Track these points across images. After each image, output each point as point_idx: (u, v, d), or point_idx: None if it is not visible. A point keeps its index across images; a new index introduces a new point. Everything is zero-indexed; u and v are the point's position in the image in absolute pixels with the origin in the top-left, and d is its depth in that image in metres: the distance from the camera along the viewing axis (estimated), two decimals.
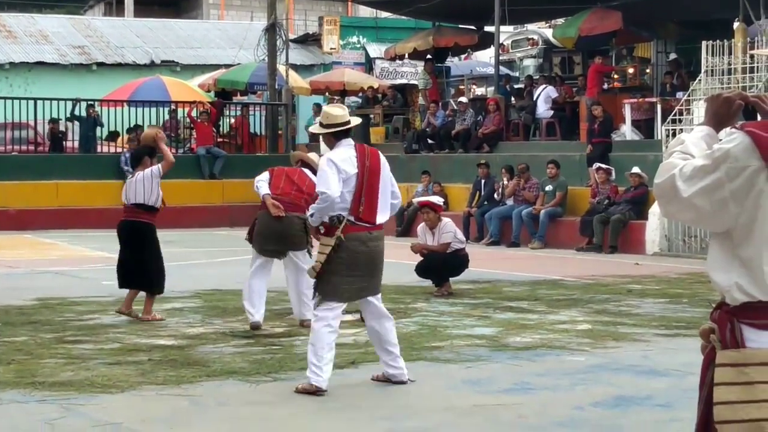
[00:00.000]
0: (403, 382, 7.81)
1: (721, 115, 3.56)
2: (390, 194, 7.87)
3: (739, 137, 3.33)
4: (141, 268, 10.99)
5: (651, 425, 6.62)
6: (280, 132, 29.86)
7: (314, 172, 11.74)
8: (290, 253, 10.53)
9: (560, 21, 29.64)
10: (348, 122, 7.84)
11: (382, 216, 7.79)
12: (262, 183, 10.60)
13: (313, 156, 11.30)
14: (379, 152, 8.05)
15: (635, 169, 18.89)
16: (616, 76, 26.08)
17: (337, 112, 7.88)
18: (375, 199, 7.73)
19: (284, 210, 10.43)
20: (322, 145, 29.13)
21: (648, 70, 26.33)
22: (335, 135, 7.83)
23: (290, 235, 10.45)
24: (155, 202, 10.98)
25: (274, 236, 10.44)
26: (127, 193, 11.06)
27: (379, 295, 7.93)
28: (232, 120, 30.39)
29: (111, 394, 7.44)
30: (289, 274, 10.65)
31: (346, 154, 7.71)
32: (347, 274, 7.62)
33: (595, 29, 24.32)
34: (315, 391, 7.42)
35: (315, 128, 8.21)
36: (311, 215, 7.76)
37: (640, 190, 18.89)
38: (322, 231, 7.72)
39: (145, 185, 10.92)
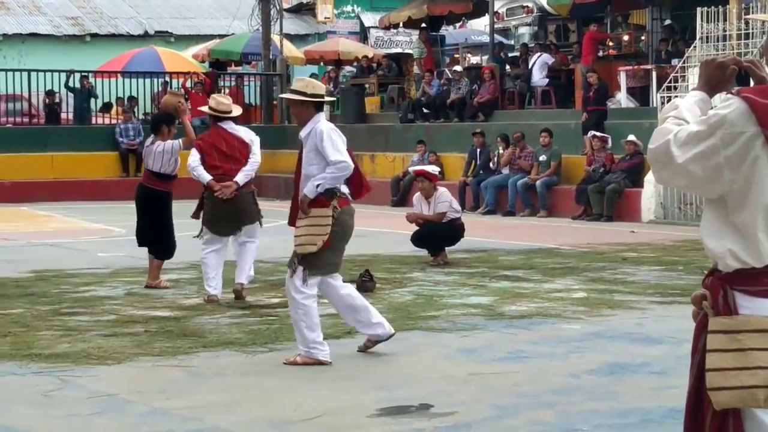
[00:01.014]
0: (391, 335, 7.79)
1: (714, 80, 3.54)
2: None
3: (735, 103, 3.32)
4: (152, 234, 11.23)
5: (646, 392, 6.64)
6: (274, 102, 29.79)
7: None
8: (245, 228, 10.50)
9: None
10: (325, 96, 7.82)
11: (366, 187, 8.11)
12: (198, 169, 10.30)
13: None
14: None
15: (631, 137, 18.86)
16: (611, 44, 26.03)
17: (320, 83, 7.92)
18: (359, 172, 7.97)
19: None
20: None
21: (643, 37, 26.24)
22: (318, 106, 7.74)
23: (244, 211, 10.39)
24: (172, 171, 11.19)
25: (228, 217, 10.32)
26: (145, 159, 11.40)
27: None
28: (227, 90, 30.29)
29: (107, 365, 7.45)
30: (238, 245, 10.53)
31: (333, 126, 7.79)
32: (337, 248, 7.64)
33: None
34: (320, 364, 7.42)
35: (293, 95, 7.80)
36: (318, 185, 7.51)
37: (635, 158, 18.86)
38: (311, 205, 7.57)
39: (164, 157, 11.10)
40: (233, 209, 10.28)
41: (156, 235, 11.22)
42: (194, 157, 10.34)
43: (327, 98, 7.92)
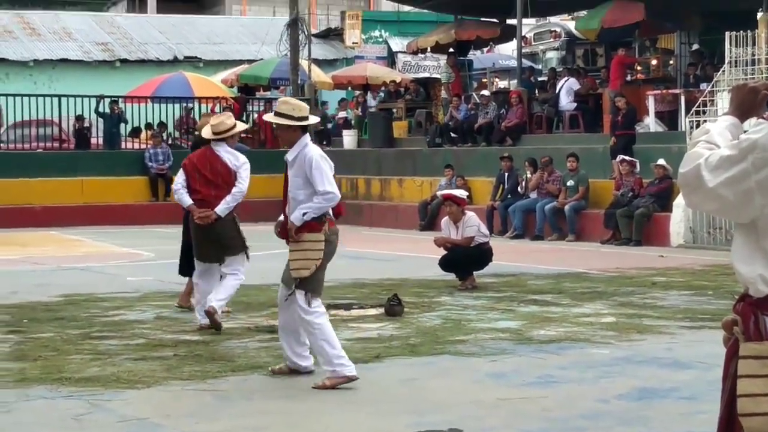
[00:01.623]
0: (311, 372, 7.82)
1: (746, 105, 3.54)
2: None
3: (767, 128, 3.31)
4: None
5: (676, 418, 6.61)
6: None
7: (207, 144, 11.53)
8: (227, 259, 10.04)
9: (583, 13, 29.52)
10: (310, 118, 7.83)
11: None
12: (181, 193, 10.07)
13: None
14: None
15: (660, 161, 18.82)
16: (639, 68, 25.99)
17: (305, 104, 7.88)
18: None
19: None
20: (346, 139, 28.87)
21: (671, 62, 26.22)
22: (304, 129, 7.75)
23: (224, 239, 10.01)
24: None
25: (209, 243, 10.02)
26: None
27: None
28: (255, 115, 30.43)
29: (137, 389, 7.48)
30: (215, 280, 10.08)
31: (321, 150, 7.82)
32: (324, 267, 7.74)
33: (618, 21, 24.21)
34: (349, 380, 7.47)
35: (281, 119, 7.68)
36: (304, 214, 7.58)
37: (664, 183, 18.81)
38: (300, 231, 7.61)
39: None
40: (213, 235, 9.97)
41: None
42: (179, 178, 10.16)
43: (312, 119, 7.90)
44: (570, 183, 20.23)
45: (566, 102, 24.10)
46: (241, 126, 10.51)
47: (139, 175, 25.85)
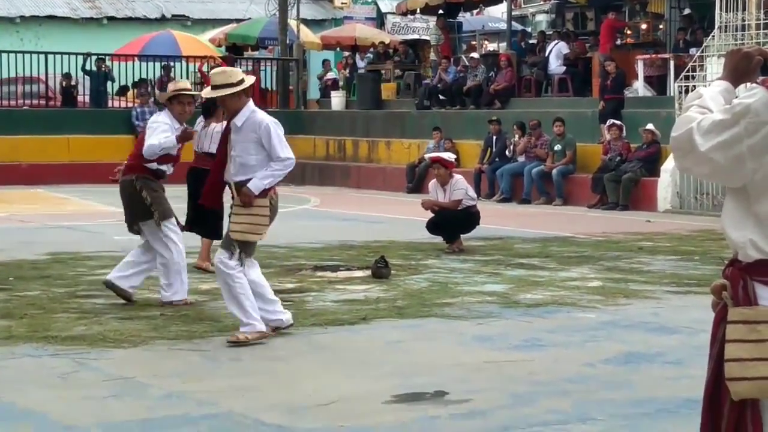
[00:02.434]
0: (291, 324, 7.96)
1: (740, 70, 3.53)
2: None
3: (760, 92, 3.30)
4: (207, 215, 11.12)
5: (661, 382, 6.63)
6: (291, 87, 29.79)
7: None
8: (141, 226, 9.30)
9: None
10: (246, 79, 7.78)
11: None
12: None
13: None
14: None
15: (649, 126, 18.82)
16: (629, 32, 25.92)
17: (235, 69, 7.93)
18: None
19: (121, 173, 9.48)
20: (334, 100, 28.94)
21: (661, 26, 26.13)
22: (246, 92, 7.75)
23: (124, 201, 9.42)
24: None
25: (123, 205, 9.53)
26: (201, 142, 11.32)
27: None
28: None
29: (123, 348, 7.47)
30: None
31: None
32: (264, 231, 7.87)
33: None
34: (263, 336, 7.59)
35: (224, 91, 7.65)
36: (267, 182, 7.66)
37: (652, 147, 18.82)
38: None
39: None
40: (121, 198, 9.49)
41: (211, 216, 11.18)
42: None
43: (249, 80, 7.80)
44: (557, 147, 20.22)
45: (555, 65, 24.05)
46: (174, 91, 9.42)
47: (125, 134, 25.70)
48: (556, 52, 24.05)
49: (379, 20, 39.58)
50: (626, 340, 7.88)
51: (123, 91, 28.56)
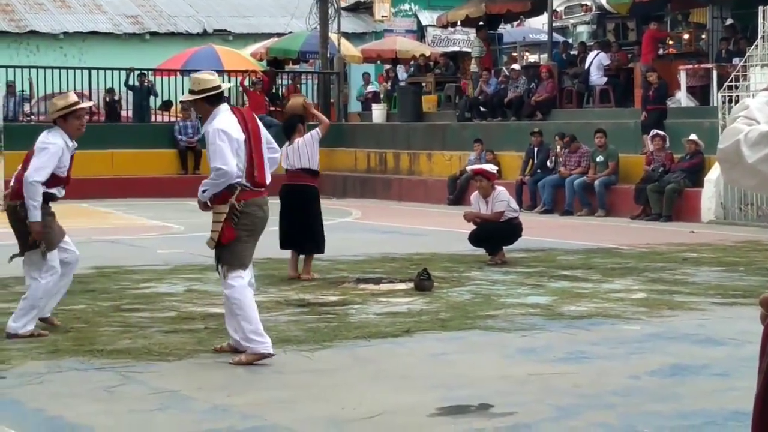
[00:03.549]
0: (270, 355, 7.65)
1: None
2: (268, 151, 7.84)
3: None
4: (303, 230, 11.64)
5: (708, 394, 6.58)
6: (332, 100, 29.87)
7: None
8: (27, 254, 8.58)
9: None
10: (219, 87, 7.67)
11: (269, 176, 7.81)
12: None
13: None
14: (250, 111, 8.07)
15: (692, 136, 18.70)
16: (671, 42, 25.80)
17: (207, 77, 7.75)
18: (262, 160, 7.74)
19: (8, 198, 8.67)
20: (375, 113, 29.04)
21: (704, 36, 26.01)
22: (209, 101, 7.61)
23: (13, 229, 8.60)
24: (317, 166, 11.66)
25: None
26: (289, 159, 11.60)
27: None
28: (284, 89, 30.44)
29: (168, 361, 7.51)
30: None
31: (229, 120, 7.56)
32: (247, 240, 7.61)
33: None
34: (264, 357, 7.44)
35: (185, 96, 7.83)
36: (204, 191, 7.54)
37: (696, 158, 18.70)
38: (210, 204, 7.57)
39: (308, 150, 11.57)
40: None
41: (311, 232, 11.65)
42: None
43: (212, 90, 7.59)
44: (599, 159, 20.14)
45: (597, 76, 23.96)
46: (83, 105, 8.98)
47: (168, 148, 25.91)
48: (597, 63, 23.97)
49: (420, 33, 39.62)
50: (672, 352, 7.82)
51: (166, 105, 28.77)
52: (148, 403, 6.42)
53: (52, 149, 8.35)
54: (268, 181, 7.75)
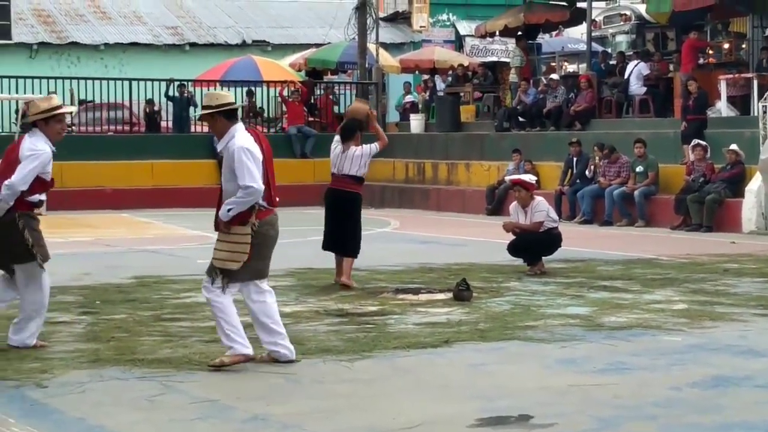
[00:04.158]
0: (291, 361, 7.76)
1: None
2: None
3: None
4: (345, 233, 11.80)
5: (751, 406, 6.52)
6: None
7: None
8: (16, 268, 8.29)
9: None
10: (234, 102, 7.71)
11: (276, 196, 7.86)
12: None
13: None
14: (259, 132, 8.09)
15: (733, 146, 18.58)
16: (711, 52, 25.65)
17: (223, 93, 7.80)
18: (274, 180, 7.80)
19: None
20: (413, 123, 29.06)
21: (744, 46, 25.83)
22: (227, 116, 7.62)
23: (3, 240, 8.15)
24: (365, 174, 11.86)
25: None
26: (339, 164, 11.79)
27: None
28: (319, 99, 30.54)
29: (208, 371, 7.53)
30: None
31: (250, 139, 7.62)
32: (258, 256, 7.64)
33: (690, 4, 23.89)
34: (246, 360, 7.50)
35: (203, 111, 7.77)
36: (229, 210, 7.50)
37: (736, 168, 18.58)
38: (230, 224, 7.56)
39: (361, 161, 11.77)
40: None
41: (350, 235, 11.82)
42: None
43: (229, 104, 7.65)
44: (639, 169, 20.05)
45: (636, 86, 23.86)
46: (52, 110, 8.23)
47: (207, 159, 26.03)
48: (637, 73, 23.88)
49: (458, 43, 39.64)
50: (713, 363, 7.77)
51: None
52: (188, 413, 6.45)
53: (42, 158, 8.09)
54: (277, 199, 7.85)
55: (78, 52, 36.90)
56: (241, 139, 7.56)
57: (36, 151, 8.06)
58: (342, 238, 11.86)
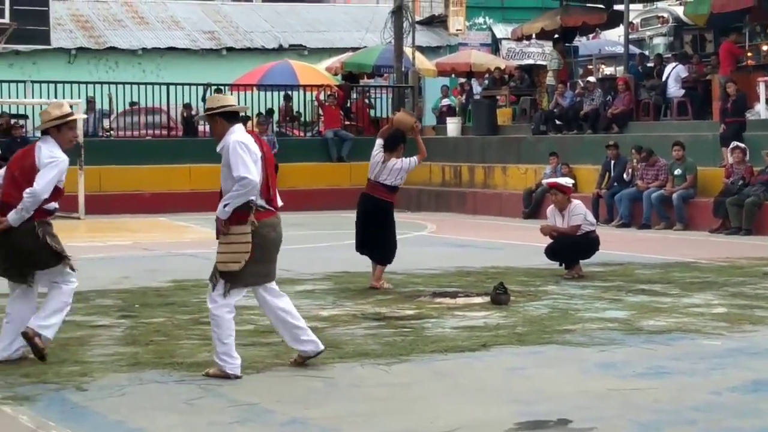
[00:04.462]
0: (320, 352, 7.77)
1: None
2: None
3: None
4: (375, 240, 11.97)
5: None
6: None
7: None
8: (38, 275, 8.08)
9: None
10: (235, 105, 7.73)
11: (279, 199, 7.79)
12: None
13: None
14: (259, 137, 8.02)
15: None
16: (749, 54, 25.45)
17: (224, 96, 7.83)
18: (275, 182, 7.77)
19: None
20: (449, 126, 29.09)
21: None
22: (227, 118, 7.63)
23: (25, 253, 7.95)
24: (400, 184, 12.03)
25: (9, 258, 8.01)
26: (377, 172, 11.95)
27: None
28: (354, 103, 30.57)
29: (247, 374, 7.56)
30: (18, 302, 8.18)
31: (247, 136, 7.61)
32: (260, 259, 7.58)
33: (728, 6, 23.74)
34: (227, 377, 7.43)
35: (203, 113, 7.80)
36: (225, 205, 7.47)
37: None
38: (228, 224, 7.53)
39: (399, 174, 11.95)
40: (10, 249, 7.97)
41: (382, 242, 11.97)
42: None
43: (232, 106, 7.69)
44: (677, 171, 19.94)
45: (674, 89, 23.72)
46: (63, 116, 8.06)
47: None
48: (675, 75, 23.74)
49: (494, 46, 39.58)
50: (754, 367, 7.71)
51: (243, 120, 28.97)
52: (227, 416, 6.48)
53: (62, 165, 7.95)
54: (279, 203, 7.79)
55: (116, 57, 37.15)
56: (237, 135, 7.57)
57: (56, 158, 7.92)
58: (373, 245, 12.02)
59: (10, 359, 8.02)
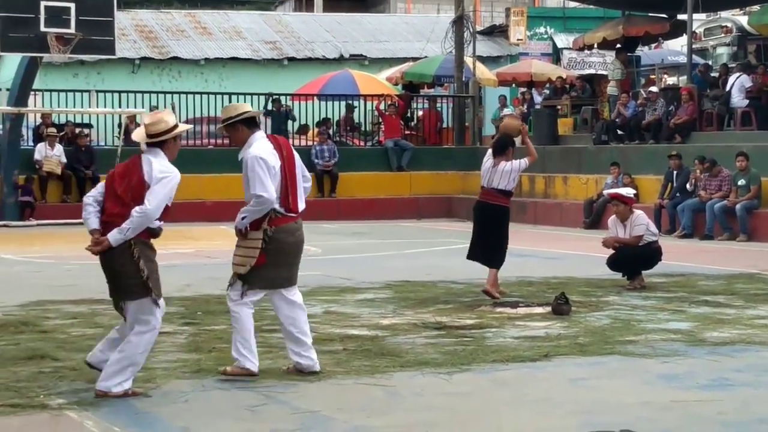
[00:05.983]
0: (315, 372, 7.77)
1: None
2: (302, 179, 7.89)
3: None
4: (486, 245, 12.02)
5: None
6: (467, 124, 29.91)
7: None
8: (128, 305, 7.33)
9: (756, 8, 28.73)
10: (249, 111, 7.75)
11: (302, 203, 7.85)
12: (87, 211, 7.26)
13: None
14: (286, 140, 8.08)
15: None
16: None
17: (240, 104, 7.89)
18: (296, 187, 7.79)
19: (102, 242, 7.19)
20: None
21: None
22: (247, 125, 7.70)
23: (119, 277, 7.25)
24: (513, 188, 12.10)
25: (108, 280, 7.39)
26: (489, 178, 12.04)
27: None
28: (420, 112, 30.58)
29: (309, 382, 7.59)
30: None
31: (267, 147, 7.68)
32: (276, 263, 7.71)
33: None
34: (248, 375, 7.56)
35: (223, 123, 7.79)
36: (243, 218, 7.64)
37: None
38: (244, 231, 7.70)
39: (511, 176, 12.00)
40: (108, 270, 7.34)
41: (494, 246, 12.00)
42: (94, 191, 7.41)
43: (250, 112, 7.77)
44: (741, 182, 19.73)
45: (738, 99, 23.49)
46: (183, 127, 7.58)
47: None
48: (739, 85, 23.51)
49: (555, 56, 39.44)
50: None
51: (303, 129, 29.15)
52: (289, 423, 6.50)
53: (175, 180, 7.28)
54: (301, 207, 7.85)
55: (179, 67, 37.50)
56: (256, 148, 7.66)
57: (169, 173, 7.22)
58: (486, 248, 12.04)
59: (96, 367, 7.44)
